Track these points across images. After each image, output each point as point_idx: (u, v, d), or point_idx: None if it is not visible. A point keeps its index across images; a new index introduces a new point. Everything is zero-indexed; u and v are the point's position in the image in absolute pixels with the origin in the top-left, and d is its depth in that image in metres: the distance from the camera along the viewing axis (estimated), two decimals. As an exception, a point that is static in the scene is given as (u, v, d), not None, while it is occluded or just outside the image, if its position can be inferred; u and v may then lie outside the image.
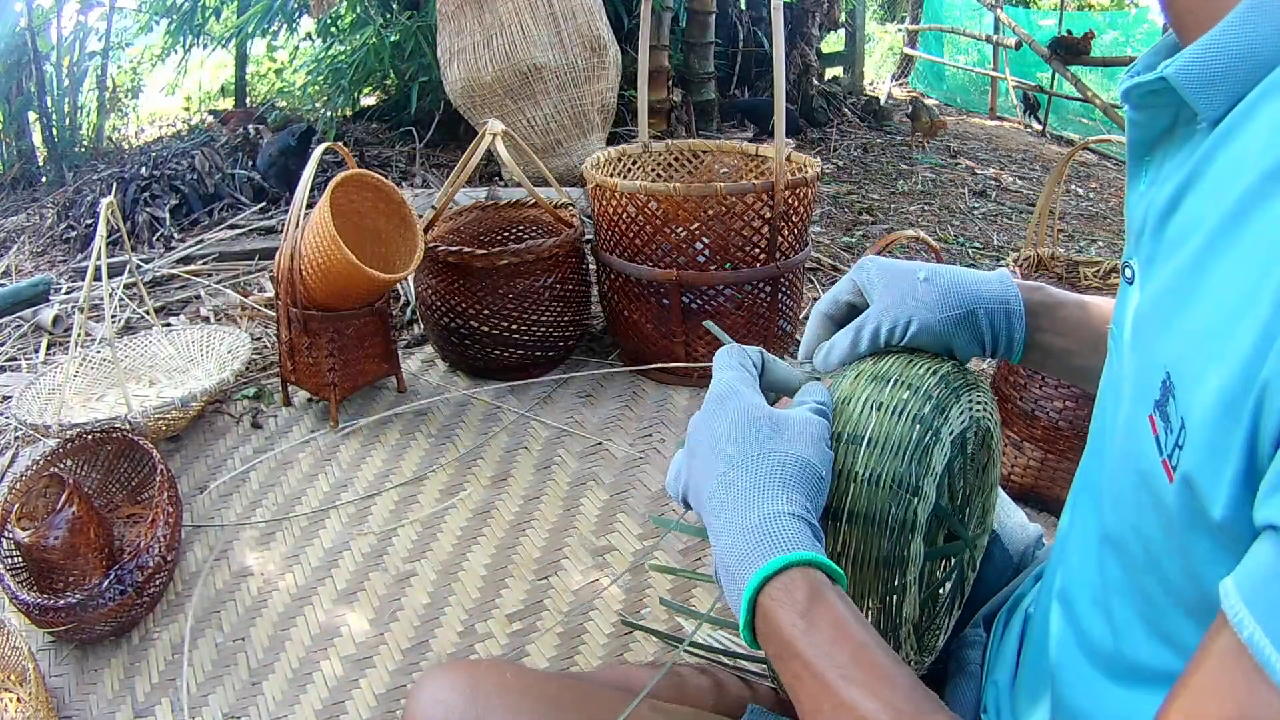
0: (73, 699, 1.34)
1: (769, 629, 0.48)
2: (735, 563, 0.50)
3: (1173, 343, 0.40)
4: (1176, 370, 0.39)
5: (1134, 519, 0.45)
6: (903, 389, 0.58)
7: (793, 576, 0.48)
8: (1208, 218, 0.39)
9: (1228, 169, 0.39)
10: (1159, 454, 0.40)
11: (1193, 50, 0.40)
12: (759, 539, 0.50)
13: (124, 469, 1.71)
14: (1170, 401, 0.39)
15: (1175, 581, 0.42)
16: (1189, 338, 0.39)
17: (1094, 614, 0.51)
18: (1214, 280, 0.38)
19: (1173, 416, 0.39)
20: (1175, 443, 0.39)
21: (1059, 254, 1.85)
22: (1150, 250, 0.46)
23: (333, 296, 1.75)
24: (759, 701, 0.71)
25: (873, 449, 0.55)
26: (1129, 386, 0.46)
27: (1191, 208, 0.42)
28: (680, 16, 4.26)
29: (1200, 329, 0.38)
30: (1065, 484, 1.57)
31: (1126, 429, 0.45)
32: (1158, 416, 0.41)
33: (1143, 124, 0.47)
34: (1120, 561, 0.48)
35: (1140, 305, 0.46)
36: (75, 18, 5.39)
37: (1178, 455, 0.38)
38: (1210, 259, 0.38)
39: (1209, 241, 0.38)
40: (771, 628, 0.48)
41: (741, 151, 2.20)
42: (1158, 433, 0.41)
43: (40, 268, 3.14)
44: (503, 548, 1.55)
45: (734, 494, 0.52)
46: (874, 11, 11.35)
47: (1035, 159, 4.89)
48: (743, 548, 0.50)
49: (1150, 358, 0.42)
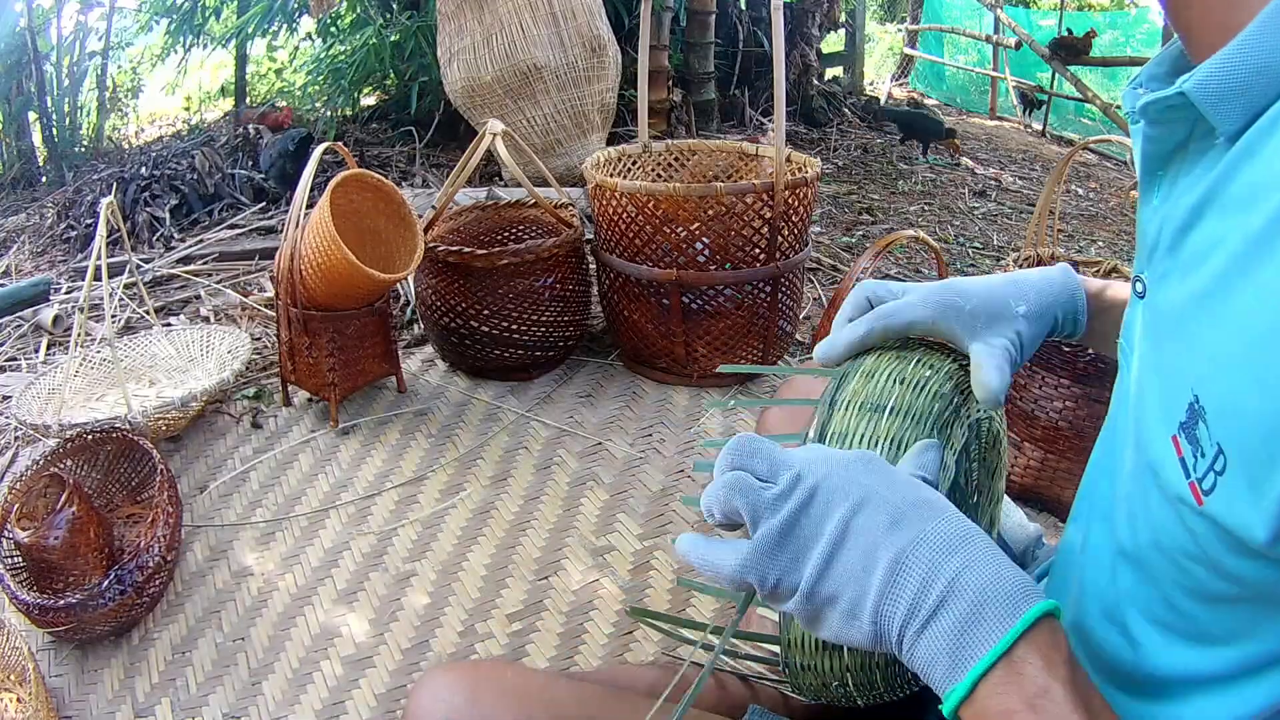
0: (73, 699, 1.34)
1: (1013, 682, 0.41)
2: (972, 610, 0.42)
3: (1199, 365, 0.40)
4: (1206, 395, 0.39)
5: (1155, 535, 0.45)
6: (925, 368, 0.58)
7: (1052, 625, 0.43)
8: (1229, 238, 0.39)
9: (1249, 188, 0.38)
10: (1185, 476, 0.40)
11: (1210, 65, 0.39)
12: (1007, 584, 0.43)
13: (124, 469, 1.71)
14: (1200, 426, 0.39)
15: (1210, 585, 0.42)
16: (1219, 363, 0.38)
17: (1106, 628, 0.51)
18: (1242, 304, 0.37)
19: (1204, 441, 0.39)
20: (1210, 467, 0.38)
21: (1059, 254, 1.85)
22: (1164, 267, 0.45)
23: (333, 296, 1.75)
24: (760, 702, 0.71)
25: (895, 417, 0.55)
26: (1144, 403, 0.46)
27: (1211, 226, 0.41)
28: (680, 16, 4.26)
29: (1233, 354, 0.37)
30: (1065, 484, 1.57)
31: (1144, 446, 0.45)
32: (1183, 439, 0.40)
33: (1157, 138, 0.46)
34: (1138, 575, 0.47)
35: (1155, 321, 0.46)
36: (75, 18, 5.39)
37: (1214, 479, 0.38)
38: (1237, 281, 0.38)
39: (1234, 264, 0.38)
40: (1018, 679, 0.41)
41: (741, 151, 2.20)
42: (1183, 454, 0.41)
43: (40, 268, 3.14)
44: (503, 548, 1.55)
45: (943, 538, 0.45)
46: (874, 11, 11.34)
47: (1035, 159, 4.89)
48: (992, 593, 0.43)
49: (1172, 378, 0.42)
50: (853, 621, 0.45)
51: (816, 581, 0.45)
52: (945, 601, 0.43)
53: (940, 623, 0.43)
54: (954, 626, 0.42)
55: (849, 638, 0.45)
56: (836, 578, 0.45)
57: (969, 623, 0.42)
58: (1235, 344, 0.37)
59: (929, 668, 0.43)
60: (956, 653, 0.42)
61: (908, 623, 0.43)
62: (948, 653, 0.42)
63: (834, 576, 0.45)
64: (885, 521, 0.45)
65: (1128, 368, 0.51)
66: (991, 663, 0.41)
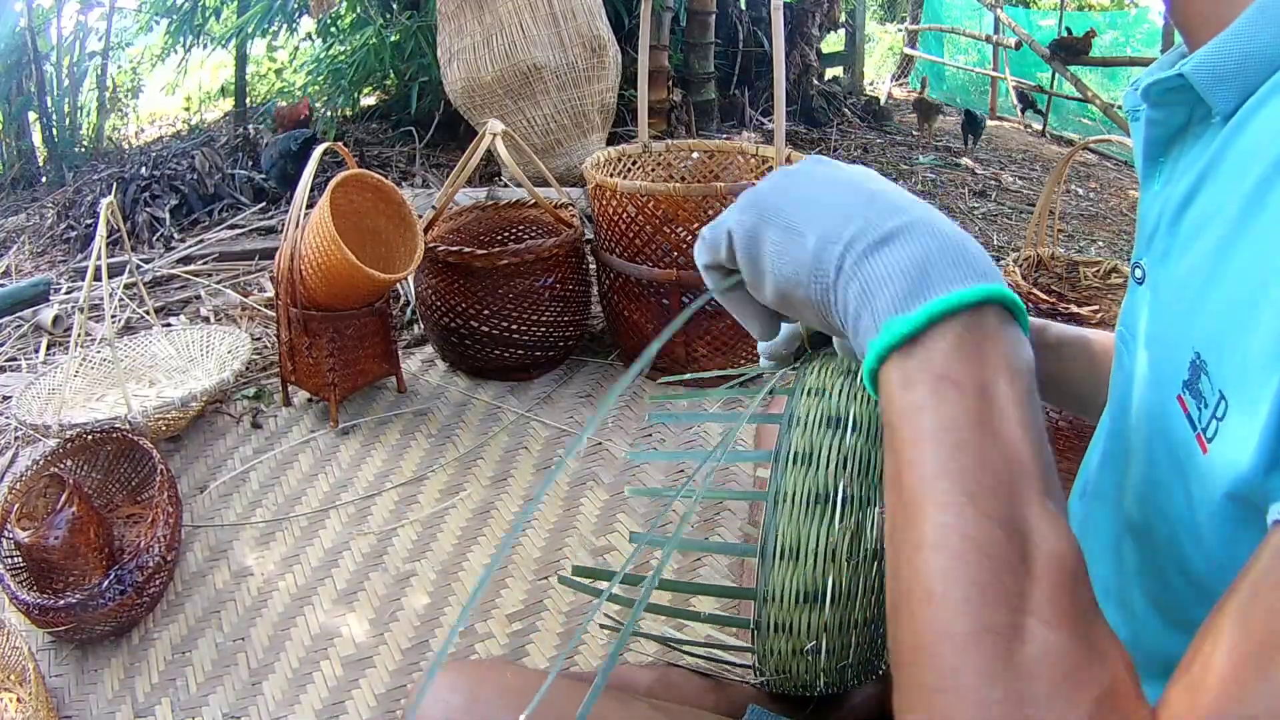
0: (73, 699, 1.34)
1: (971, 349, 0.37)
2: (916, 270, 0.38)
3: (1200, 324, 0.41)
4: (1207, 348, 0.40)
5: (1161, 502, 0.45)
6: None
7: (1019, 331, 0.39)
8: (1226, 206, 0.40)
9: (1242, 158, 0.40)
10: (1192, 430, 0.41)
11: (1206, 50, 0.42)
12: (958, 253, 0.38)
13: (124, 469, 1.71)
14: (1202, 378, 0.40)
15: (1194, 564, 0.43)
16: (1218, 316, 0.39)
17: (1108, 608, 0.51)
18: (1238, 261, 0.39)
19: (1207, 392, 0.40)
20: (1212, 415, 0.39)
21: (1059, 254, 1.85)
22: (1165, 245, 0.47)
23: (333, 296, 1.75)
24: (759, 702, 0.71)
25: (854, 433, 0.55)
26: (1148, 378, 0.47)
27: (1208, 199, 0.43)
28: (680, 16, 4.26)
29: (1230, 304, 0.39)
30: (1065, 484, 1.57)
31: (1151, 415, 0.46)
32: (1187, 395, 0.41)
33: (1160, 121, 0.48)
34: (1140, 550, 0.48)
35: (1157, 300, 0.48)
36: (75, 18, 5.38)
37: (1215, 426, 0.39)
38: (1232, 243, 0.39)
39: (1230, 228, 0.40)
40: (976, 350, 0.37)
41: (741, 151, 2.20)
42: (1188, 410, 0.41)
43: (40, 268, 3.14)
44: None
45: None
46: (874, 11, 11.34)
47: (1035, 159, 4.88)
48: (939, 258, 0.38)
49: (1175, 344, 0.43)
50: (794, 237, 0.42)
51: (765, 192, 0.44)
52: (908, 230, 0.39)
53: (900, 247, 0.38)
54: (918, 255, 0.38)
55: (785, 264, 0.42)
56: (787, 192, 0.44)
57: (937, 260, 0.38)
58: (1234, 294, 0.38)
59: (872, 291, 0.38)
60: (915, 281, 0.38)
61: (857, 238, 0.40)
62: (903, 277, 0.38)
63: (784, 191, 0.44)
64: (860, 175, 0.44)
65: (1129, 354, 0.52)
66: (955, 307, 0.37)
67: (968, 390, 0.36)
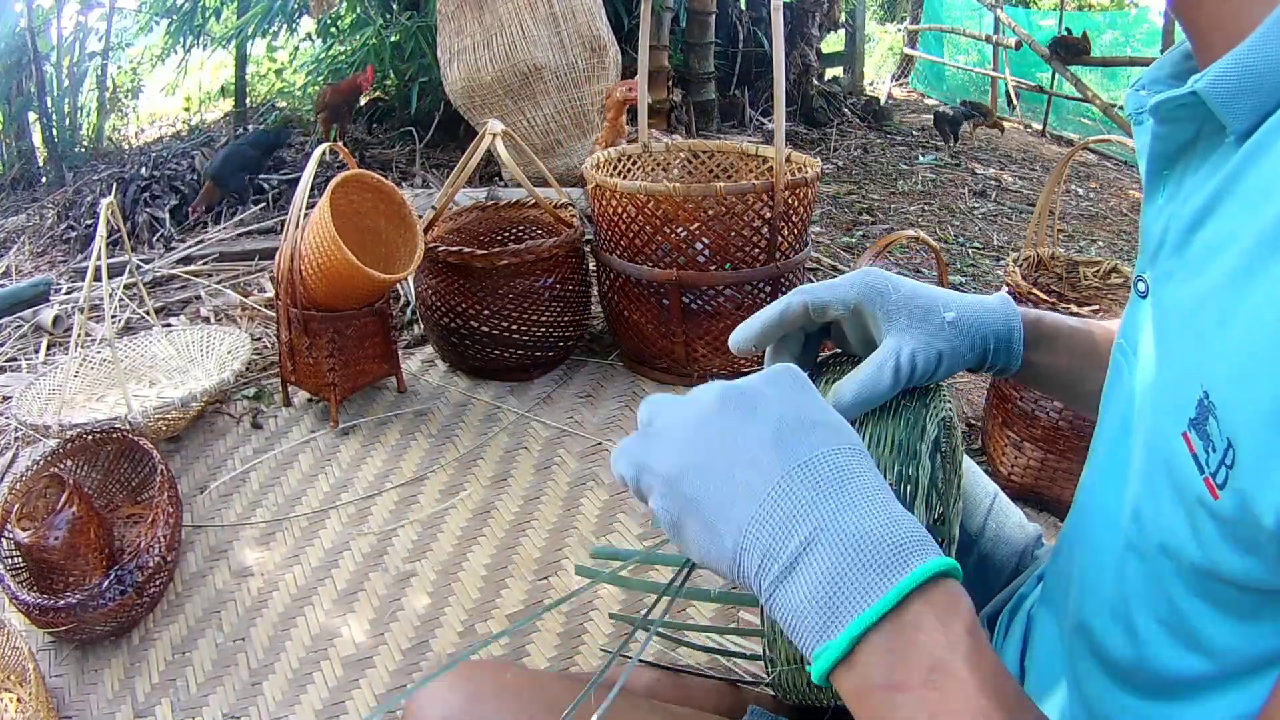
0: (73, 699, 1.34)
1: (904, 650, 0.38)
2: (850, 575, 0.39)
3: (1210, 362, 0.39)
4: (1217, 390, 0.39)
5: (1163, 537, 0.45)
6: None
7: (950, 589, 0.40)
8: (1241, 235, 0.39)
9: (1261, 185, 0.38)
10: (1200, 472, 0.40)
11: (1223, 65, 0.40)
12: (887, 545, 0.40)
13: (124, 469, 1.71)
14: (1210, 421, 0.39)
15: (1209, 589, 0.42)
16: (1231, 359, 0.38)
17: (1112, 627, 0.50)
18: (1254, 300, 0.37)
19: (1215, 436, 0.39)
20: (1221, 462, 0.38)
21: (1059, 254, 1.85)
22: (1170, 266, 0.45)
23: (333, 297, 1.75)
24: (759, 703, 0.71)
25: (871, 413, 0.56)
26: (1150, 402, 0.46)
27: (1221, 224, 0.41)
28: (680, 16, 4.26)
29: (1245, 350, 0.37)
30: (1065, 484, 1.57)
31: (1154, 446, 0.45)
32: (1194, 435, 0.40)
33: (1166, 136, 0.46)
34: (1146, 572, 0.47)
35: (1161, 320, 0.46)
36: (75, 18, 5.39)
37: (1225, 474, 0.38)
38: (1249, 278, 0.38)
39: (1245, 261, 0.38)
40: (910, 648, 0.39)
41: (741, 151, 2.20)
42: (1195, 450, 0.40)
43: (40, 268, 3.14)
44: (503, 548, 1.55)
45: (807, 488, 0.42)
46: (874, 11, 11.35)
47: (1035, 159, 4.88)
48: (864, 559, 0.39)
49: (1181, 376, 0.42)
50: (714, 537, 0.42)
51: (680, 474, 0.43)
52: (810, 548, 0.39)
53: (806, 571, 0.39)
54: (825, 576, 0.39)
55: (710, 557, 0.43)
56: (702, 476, 0.43)
57: (844, 574, 0.39)
58: (1248, 339, 0.37)
59: (793, 621, 0.40)
60: (829, 606, 0.39)
61: (765, 566, 0.40)
62: (817, 605, 0.39)
63: (700, 473, 0.43)
64: (769, 435, 0.43)
65: (1128, 367, 0.51)
66: (875, 619, 0.38)
67: (915, 686, 0.38)
